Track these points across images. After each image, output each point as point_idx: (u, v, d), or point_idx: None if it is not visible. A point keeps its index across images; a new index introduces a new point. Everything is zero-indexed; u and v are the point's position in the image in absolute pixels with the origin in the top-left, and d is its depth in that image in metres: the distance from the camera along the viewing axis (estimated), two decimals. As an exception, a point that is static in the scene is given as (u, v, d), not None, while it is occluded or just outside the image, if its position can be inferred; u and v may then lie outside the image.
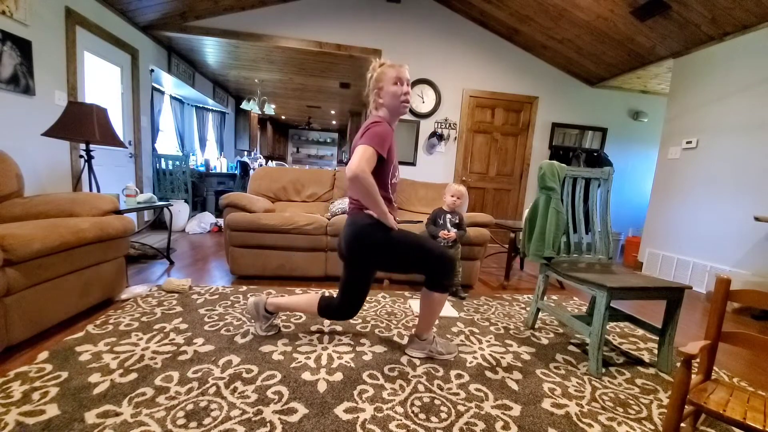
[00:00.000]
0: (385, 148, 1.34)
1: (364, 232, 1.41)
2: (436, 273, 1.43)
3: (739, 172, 2.92)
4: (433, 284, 1.45)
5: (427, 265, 1.43)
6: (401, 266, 1.50)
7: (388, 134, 1.36)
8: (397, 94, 1.42)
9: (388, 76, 1.42)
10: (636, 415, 1.26)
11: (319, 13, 4.07)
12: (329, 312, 1.56)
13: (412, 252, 1.43)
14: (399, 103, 1.43)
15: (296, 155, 11.67)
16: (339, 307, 1.54)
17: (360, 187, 1.28)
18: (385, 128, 1.36)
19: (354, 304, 1.52)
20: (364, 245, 1.41)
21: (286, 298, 1.65)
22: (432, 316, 1.52)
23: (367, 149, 1.28)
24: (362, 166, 1.26)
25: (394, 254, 1.43)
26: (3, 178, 1.80)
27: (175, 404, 1.13)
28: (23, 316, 1.38)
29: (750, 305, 1.63)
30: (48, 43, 2.72)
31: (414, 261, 1.44)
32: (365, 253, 1.43)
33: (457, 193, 2.37)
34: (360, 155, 1.27)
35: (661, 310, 1.69)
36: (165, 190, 4.26)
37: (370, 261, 1.45)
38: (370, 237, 1.41)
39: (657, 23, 3.17)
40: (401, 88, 1.41)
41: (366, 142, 1.30)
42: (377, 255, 1.43)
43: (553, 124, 4.66)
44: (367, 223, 1.41)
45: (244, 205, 2.54)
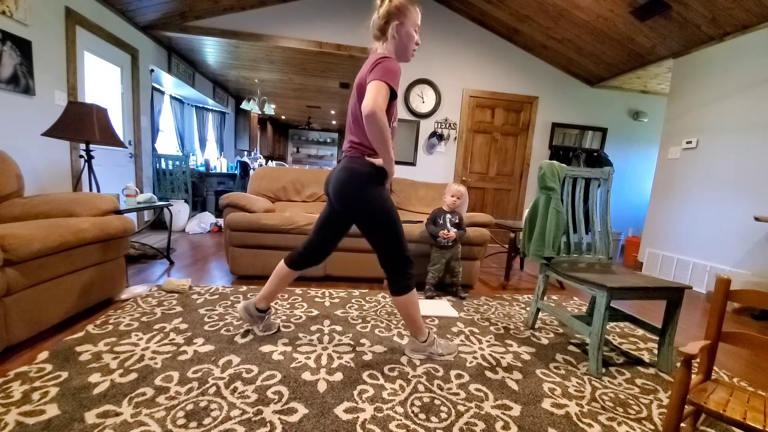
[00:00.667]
0: (397, 84, 1.27)
1: (361, 178, 1.35)
2: (395, 270, 1.42)
3: (739, 172, 2.92)
4: (393, 287, 1.44)
5: (391, 254, 1.41)
6: (373, 234, 1.42)
7: (399, 70, 1.28)
8: (413, 38, 1.35)
9: (411, 16, 1.34)
10: (636, 415, 1.26)
11: (319, 13, 4.07)
12: (298, 260, 1.57)
13: (389, 229, 1.39)
14: (411, 49, 1.37)
15: (296, 155, 11.67)
16: (307, 248, 1.55)
17: (376, 127, 1.19)
18: (395, 63, 1.28)
19: (323, 247, 1.53)
20: (358, 191, 1.35)
21: (265, 286, 1.64)
22: (411, 319, 1.49)
23: (383, 86, 1.20)
24: (380, 103, 1.17)
25: (377, 218, 1.38)
26: (3, 178, 1.80)
27: (175, 404, 1.13)
28: (23, 316, 1.38)
29: (750, 305, 1.63)
30: (48, 43, 2.72)
31: (385, 238, 1.40)
32: (355, 199, 1.37)
33: (457, 194, 2.37)
34: (376, 91, 1.18)
35: (661, 310, 1.69)
36: (165, 190, 4.26)
37: (356, 209, 1.39)
38: (366, 185, 1.35)
39: (657, 23, 3.17)
40: (417, 36, 1.37)
41: (379, 77, 1.20)
42: (364, 207, 1.37)
43: (553, 124, 4.66)
44: (366, 171, 1.35)
45: (244, 205, 2.54)
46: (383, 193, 1.39)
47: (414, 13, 1.35)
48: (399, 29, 1.33)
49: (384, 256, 1.43)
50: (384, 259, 1.44)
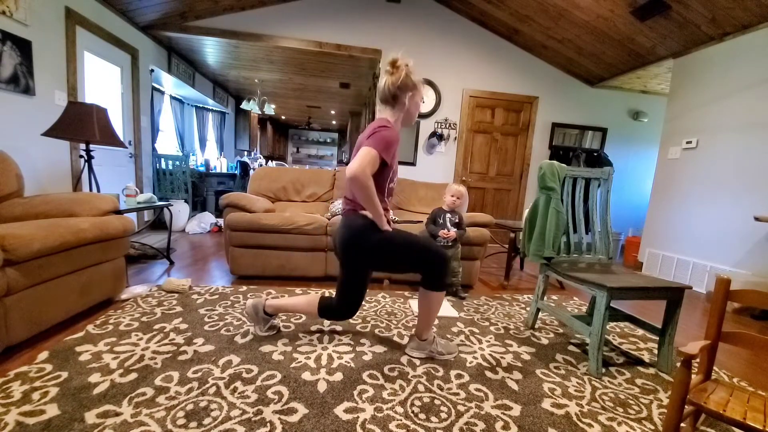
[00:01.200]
0: (389, 155, 1.34)
1: (358, 234, 1.41)
2: (432, 272, 1.43)
3: (739, 172, 2.92)
4: (430, 283, 1.45)
5: (423, 263, 1.43)
6: (397, 266, 1.49)
7: (395, 141, 1.36)
8: (418, 107, 1.48)
9: (419, 89, 1.46)
10: (636, 415, 1.26)
11: (319, 13, 4.07)
12: (329, 313, 1.56)
13: (407, 251, 1.43)
14: (414, 117, 1.49)
15: (296, 155, 11.67)
16: (338, 307, 1.54)
17: (358, 188, 1.28)
18: (394, 134, 1.36)
19: (352, 304, 1.52)
20: (359, 247, 1.41)
21: (285, 300, 1.65)
22: (430, 315, 1.52)
23: (371, 152, 1.28)
24: (364, 167, 1.26)
25: (390, 254, 1.43)
26: (3, 178, 1.80)
27: (175, 404, 1.13)
28: (23, 316, 1.38)
29: (750, 305, 1.63)
30: (48, 43, 2.72)
31: (409, 260, 1.44)
32: (360, 254, 1.43)
33: (457, 193, 2.37)
34: (363, 157, 1.27)
35: (661, 310, 1.69)
36: (165, 190, 4.26)
37: (365, 262, 1.45)
38: (365, 238, 1.41)
39: (657, 23, 3.17)
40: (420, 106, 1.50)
41: (372, 145, 1.29)
42: (372, 256, 1.43)
43: (553, 124, 4.66)
44: (361, 224, 1.41)
45: (244, 205, 2.54)
46: (385, 234, 1.43)
47: (421, 87, 1.48)
48: (413, 98, 1.45)
49: (420, 268, 1.45)
50: (421, 270, 1.45)
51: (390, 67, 1.41)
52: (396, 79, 1.39)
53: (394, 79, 1.39)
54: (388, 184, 1.45)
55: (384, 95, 1.43)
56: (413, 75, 1.42)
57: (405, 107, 1.44)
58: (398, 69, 1.40)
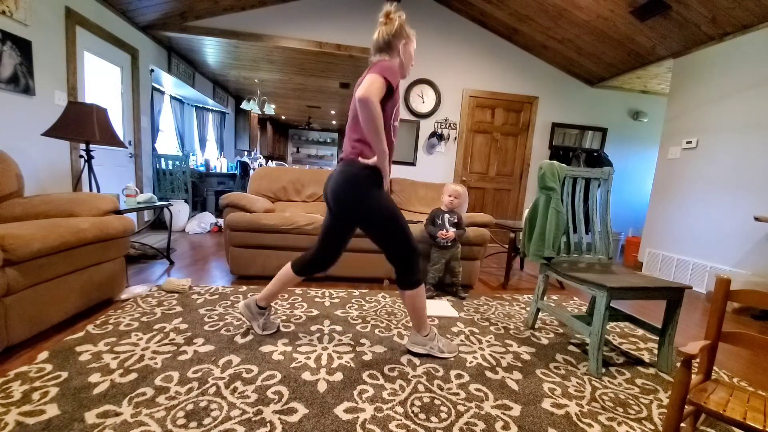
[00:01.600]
0: (395, 81, 1.32)
1: (356, 180, 1.38)
2: (403, 265, 1.43)
3: (739, 172, 2.92)
4: (402, 281, 1.45)
5: (396, 248, 1.42)
6: (376, 233, 1.44)
7: (397, 70, 1.38)
8: (412, 58, 1.49)
9: (412, 40, 1.46)
10: (636, 415, 1.26)
11: (319, 13, 4.07)
12: (306, 267, 1.57)
13: (392, 226, 1.41)
14: (408, 68, 1.49)
15: (296, 155, 11.67)
16: (314, 256, 1.55)
17: (368, 113, 1.22)
18: (395, 65, 1.37)
19: (329, 254, 1.53)
20: (354, 194, 1.38)
21: (267, 286, 1.64)
22: (417, 312, 1.51)
23: (379, 78, 1.25)
24: (373, 91, 1.21)
25: (377, 217, 1.40)
26: (3, 178, 1.80)
27: (175, 404, 1.13)
28: (23, 316, 1.38)
29: (750, 305, 1.63)
30: (48, 43, 2.72)
31: (389, 236, 1.41)
32: (352, 202, 1.39)
33: (455, 193, 2.36)
34: (371, 81, 1.23)
35: (661, 310, 1.69)
36: (165, 190, 4.26)
37: (355, 213, 1.42)
38: (362, 187, 1.38)
39: (657, 23, 3.17)
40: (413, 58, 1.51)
41: (378, 72, 1.26)
42: (362, 208, 1.39)
43: (553, 124, 4.66)
44: (359, 173, 1.37)
45: (244, 205, 2.54)
46: (380, 192, 1.41)
47: (413, 40, 1.48)
48: (406, 47, 1.45)
49: (390, 253, 1.44)
50: (391, 256, 1.45)
51: (384, 18, 1.42)
52: (390, 28, 1.40)
53: (388, 28, 1.40)
54: (392, 122, 1.40)
55: (378, 44, 1.43)
56: (405, 23, 1.43)
57: (400, 55, 1.43)
58: (392, 20, 1.41)
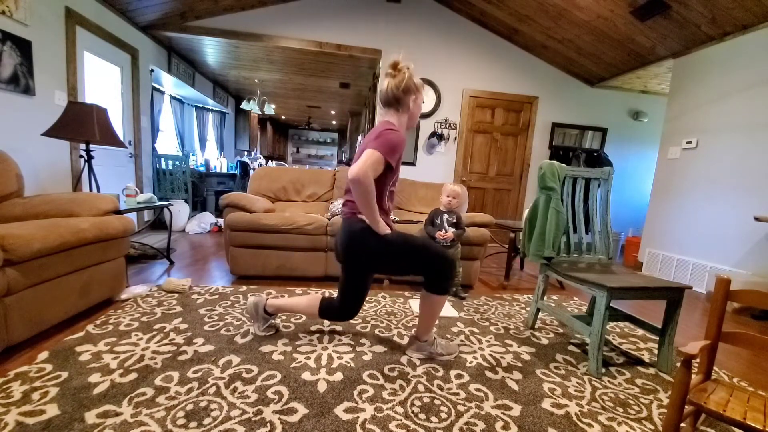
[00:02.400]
0: (394, 159, 1.32)
1: (359, 238, 1.40)
2: (435, 275, 1.42)
3: (739, 172, 2.92)
4: (432, 286, 1.44)
5: (426, 266, 1.42)
6: (399, 268, 1.49)
7: (401, 144, 1.34)
8: (420, 109, 1.49)
9: (421, 91, 1.46)
10: (636, 415, 1.26)
11: (319, 13, 4.07)
12: (329, 313, 1.56)
13: (409, 254, 1.42)
14: (417, 118, 1.49)
15: (296, 155, 11.67)
16: (339, 309, 1.54)
17: (359, 191, 1.25)
18: (400, 137, 1.33)
19: (353, 305, 1.52)
20: (360, 250, 1.41)
21: (286, 300, 1.64)
22: (432, 318, 1.52)
23: (376, 154, 1.25)
24: (366, 170, 1.23)
25: (391, 257, 1.42)
26: (3, 178, 1.80)
27: (175, 404, 1.13)
28: (23, 316, 1.38)
29: (750, 305, 1.63)
30: (48, 43, 2.72)
31: (412, 263, 1.43)
32: (361, 257, 1.42)
33: (453, 193, 2.36)
34: (367, 158, 1.24)
35: (661, 310, 1.69)
36: (165, 190, 4.26)
37: (366, 265, 1.45)
38: (366, 242, 1.39)
39: (657, 23, 3.17)
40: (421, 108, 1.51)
41: (377, 147, 1.26)
42: (373, 259, 1.42)
43: (553, 124, 4.66)
44: (360, 228, 1.39)
45: (244, 205, 2.54)
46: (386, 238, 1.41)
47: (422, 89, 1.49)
48: (415, 102, 1.45)
49: (425, 272, 1.43)
50: (426, 274, 1.43)
51: (392, 70, 1.40)
52: (399, 81, 1.38)
53: (397, 81, 1.38)
54: (389, 188, 1.44)
55: (387, 98, 1.41)
56: (415, 77, 1.41)
57: (409, 110, 1.42)
58: (400, 71, 1.39)
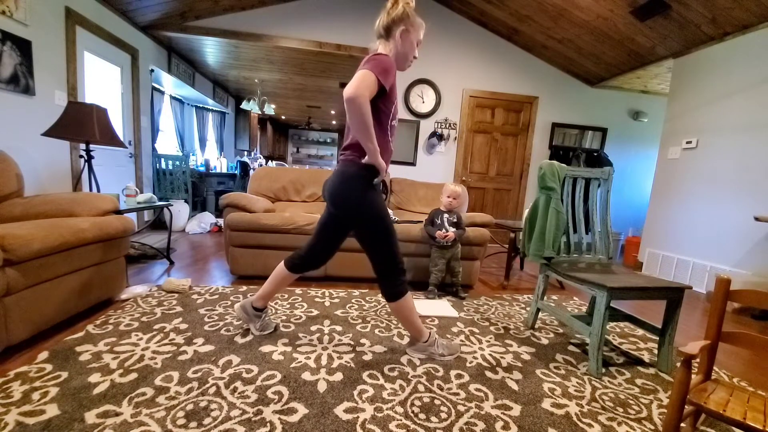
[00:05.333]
0: (388, 80, 1.24)
1: (352, 182, 1.36)
2: (387, 276, 1.41)
3: (739, 172, 2.92)
4: (387, 293, 1.44)
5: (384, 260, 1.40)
6: (366, 239, 1.42)
7: (393, 67, 1.27)
8: (413, 50, 1.39)
9: (417, 27, 1.37)
10: (636, 415, 1.26)
11: (319, 13, 4.07)
12: (298, 263, 1.57)
13: (383, 234, 1.39)
14: (408, 59, 1.40)
15: (296, 155, 11.67)
16: (307, 253, 1.55)
17: (355, 112, 1.17)
18: (391, 61, 1.27)
19: (323, 251, 1.53)
20: (350, 194, 1.36)
21: (263, 286, 1.63)
22: (408, 321, 1.50)
23: (369, 75, 1.18)
24: (361, 89, 1.15)
25: (370, 222, 1.38)
26: (3, 178, 1.80)
27: (175, 404, 1.13)
28: (23, 316, 1.38)
29: (750, 305, 1.63)
30: (48, 43, 2.72)
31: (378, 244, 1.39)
32: (347, 202, 1.38)
33: (453, 194, 2.36)
34: (360, 79, 1.16)
35: (661, 310, 1.69)
36: (165, 190, 4.26)
37: (349, 212, 1.40)
38: (357, 189, 1.35)
39: (657, 23, 3.17)
40: (416, 50, 1.41)
41: (369, 68, 1.19)
42: (356, 211, 1.38)
43: (553, 124, 4.66)
44: (356, 174, 1.35)
45: (244, 205, 2.54)
46: (376, 199, 1.39)
47: (420, 27, 1.38)
48: (404, 35, 1.35)
49: (376, 261, 1.43)
50: (376, 264, 1.43)
51: (390, 2, 1.36)
52: (392, 12, 1.33)
53: (392, 11, 1.34)
54: (390, 121, 1.36)
55: (378, 29, 1.37)
56: (410, 10, 1.34)
57: (398, 43, 1.34)
58: (397, 3, 1.34)
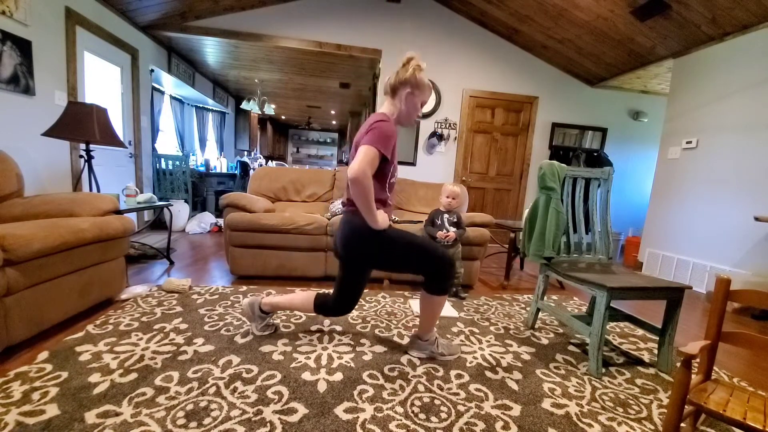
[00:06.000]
0: (389, 149, 1.31)
1: (359, 232, 1.39)
2: (434, 275, 1.42)
3: (739, 172, 2.92)
4: (432, 287, 1.44)
5: (425, 266, 1.41)
6: (398, 266, 1.47)
7: (393, 134, 1.33)
8: (417, 111, 1.45)
9: (424, 91, 1.43)
10: (636, 415, 1.26)
11: (319, 13, 4.07)
12: (325, 309, 1.56)
13: (409, 252, 1.41)
14: (411, 118, 1.46)
15: (296, 155, 11.67)
16: (335, 304, 1.53)
17: (358, 190, 1.25)
18: (391, 127, 1.33)
19: (350, 301, 1.52)
20: (360, 245, 1.40)
21: (281, 297, 1.64)
22: (432, 318, 1.52)
23: (371, 150, 1.26)
24: (364, 168, 1.23)
25: (390, 254, 1.41)
26: (3, 178, 1.80)
27: (175, 404, 1.13)
28: (23, 316, 1.38)
29: (750, 305, 1.63)
30: (48, 43, 2.72)
31: (410, 261, 1.42)
32: (360, 252, 1.42)
33: (452, 194, 2.36)
34: (363, 156, 1.24)
35: (661, 310, 1.69)
36: (165, 190, 4.26)
37: (365, 260, 1.44)
38: (366, 237, 1.39)
39: (657, 23, 3.17)
40: (420, 110, 1.47)
41: (370, 143, 1.26)
42: (372, 255, 1.42)
43: (553, 124, 4.66)
44: (362, 222, 1.38)
45: (244, 205, 2.54)
46: (387, 233, 1.41)
47: (427, 92, 1.44)
48: (409, 97, 1.41)
49: (424, 271, 1.43)
50: (427, 274, 1.43)
51: (403, 62, 1.43)
52: (401, 73, 1.40)
53: (400, 73, 1.40)
54: (389, 180, 1.43)
55: (385, 87, 1.45)
56: (419, 74, 1.40)
57: (401, 103, 1.41)
58: (407, 66, 1.41)
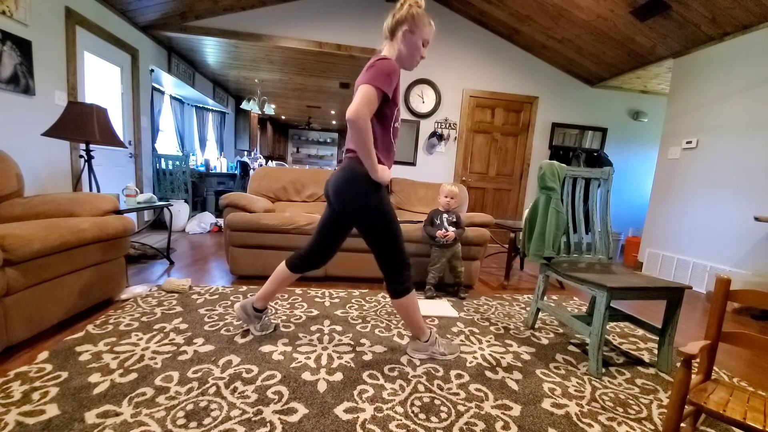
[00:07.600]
0: (390, 86, 1.24)
1: (356, 179, 1.34)
2: (391, 271, 1.42)
3: (739, 172, 2.92)
4: (392, 291, 1.45)
5: (388, 256, 1.40)
6: (371, 236, 1.41)
7: (394, 71, 1.26)
8: (419, 50, 1.36)
9: (423, 28, 1.34)
10: (636, 415, 1.26)
11: (319, 13, 4.07)
12: (299, 263, 1.57)
13: (385, 231, 1.39)
14: (415, 60, 1.38)
15: (296, 155, 11.67)
16: (308, 252, 1.55)
17: (355, 132, 1.19)
18: (393, 65, 1.26)
19: (325, 251, 1.53)
20: (353, 192, 1.35)
21: (264, 286, 1.63)
22: (412, 321, 1.50)
23: (370, 90, 1.19)
24: (362, 110, 1.17)
25: (376, 218, 1.37)
26: (3, 178, 1.80)
27: (175, 404, 1.13)
28: (23, 316, 1.38)
29: (750, 305, 1.63)
30: (48, 43, 2.72)
31: (381, 242, 1.39)
32: (353, 199, 1.36)
33: (450, 194, 2.36)
34: (361, 97, 1.18)
35: (661, 310, 1.69)
36: (165, 190, 4.26)
37: (354, 210, 1.38)
38: (362, 187, 1.34)
39: (657, 23, 3.17)
40: (423, 50, 1.39)
41: (369, 81, 1.20)
42: (361, 209, 1.37)
43: (553, 124, 4.66)
44: (363, 172, 1.32)
45: (244, 205, 2.54)
46: (381, 196, 1.39)
47: (427, 27, 1.36)
48: (406, 36, 1.34)
49: (382, 259, 1.43)
50: (382, 262, 1.44)
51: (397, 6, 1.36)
52: (398, 13, 1.34)
53: (397, 13, 1.34)
54: (393, 123, 1.35)
55: (384, 30, 1.38)
56: (416, 10, 1.32)
57: (401, 44, 1.34)
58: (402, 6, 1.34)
